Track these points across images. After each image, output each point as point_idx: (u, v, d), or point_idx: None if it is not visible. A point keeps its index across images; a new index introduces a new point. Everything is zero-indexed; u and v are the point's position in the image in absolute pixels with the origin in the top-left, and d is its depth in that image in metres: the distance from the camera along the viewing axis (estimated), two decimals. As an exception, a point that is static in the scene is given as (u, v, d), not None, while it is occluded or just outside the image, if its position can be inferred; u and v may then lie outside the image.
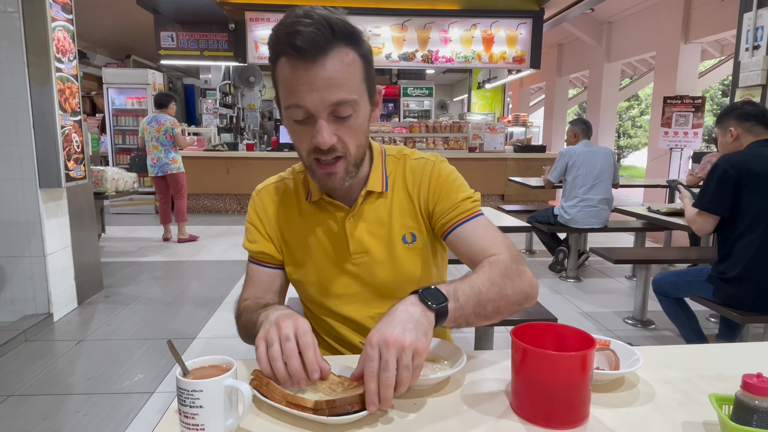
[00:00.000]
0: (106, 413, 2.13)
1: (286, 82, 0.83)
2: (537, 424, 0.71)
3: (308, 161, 0.90)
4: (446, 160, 1.05)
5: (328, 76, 0.80)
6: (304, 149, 0.88)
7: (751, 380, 0.65)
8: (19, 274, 3.03)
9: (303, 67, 0.80)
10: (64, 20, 3.07)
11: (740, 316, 2.15)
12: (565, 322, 0.82)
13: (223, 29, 7.62)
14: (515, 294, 0.87)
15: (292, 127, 0.88)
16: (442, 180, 1.00)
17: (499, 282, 0.85)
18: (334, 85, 0.81)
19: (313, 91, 0.81)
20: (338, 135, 0.85)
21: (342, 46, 0.82)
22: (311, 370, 0.72)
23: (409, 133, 7.56)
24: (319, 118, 0.83)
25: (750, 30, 3.34)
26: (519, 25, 7.62)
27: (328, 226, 1.01)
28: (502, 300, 0.85)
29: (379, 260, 1.01)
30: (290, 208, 1.04)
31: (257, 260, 1.06)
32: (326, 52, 0.80)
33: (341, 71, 0.82)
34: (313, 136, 0.84)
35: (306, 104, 0.82)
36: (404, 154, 1.05)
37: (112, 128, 7.15)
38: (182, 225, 5.39)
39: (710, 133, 14.39)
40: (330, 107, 0.82)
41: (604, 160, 3.87)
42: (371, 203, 1.00)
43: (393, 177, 1.03)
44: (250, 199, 1.08)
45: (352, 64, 0.84)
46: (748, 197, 2.10)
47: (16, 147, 2.92)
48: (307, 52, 0.79)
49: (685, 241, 4.84)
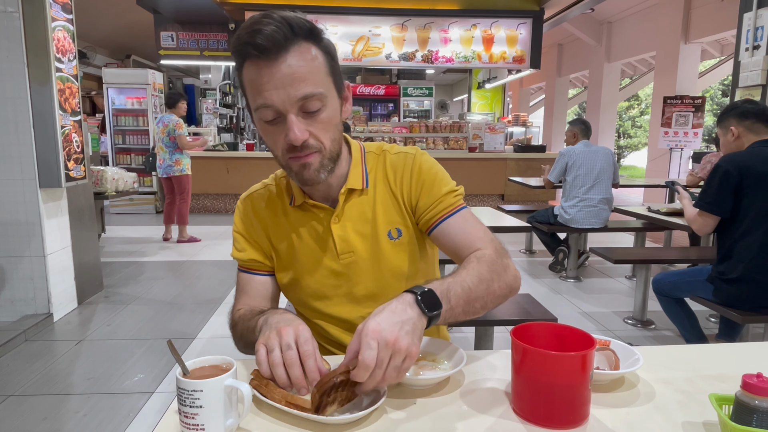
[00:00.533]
0: (106, 413, 2.13)
1: (252, 84, 0.84)
2: (537, 424, 0.71)
3: (284, 161, 0.90)
4: (426, 152, 1.05)
5: (292, 71, 0.81)
6: (278, 149, 0.88)
7: (751, 380, 0.65)
8: (19, 274, 3.03)
9: (266, 66, 0.81)
10: (64, 20, 3.07)
11: (740, 316, 2.15)
12: (565, 322, 0.82)
13: (223, 29, 7.63)
14: (501, 288, 0.89)
15: (264, 129, 0.88)
16: (424, 174, 1.00)
17: (487, 278, 0.87)
18: (299, 79, 0.82)
19: (279, 88, 0.82)
20: (310, 130, 0.86)
21: (302, 42, 0.83)
22: (312, 379, 0.73)
23: (409, 133, 7.57)
24: (288, 114, 0.83)
25: (750, 30, 3.34)
26: (519, 25, 7.62)
27: (314, 229, 1.01)
28: (490, 295, 0.87)
29: (365, 258, 1.00)
30: (275, 214, 1.04)
31: (247, 268, 1.06)
32: (287, 48, 0.81)
33: (304, 66, 0.83)
34: (285, 134, 0.85)
35: (274, 102, 0.82)
36: (384, 150, 1.05)
37: (112, 128, 7.15)
38: (183, 228, 5.34)
39: (710, 133, 14.39)
40: (297, 102, 0.83)
41: (604, 160, 3.87)
42: (354, 201, 1.00)
43: (374, 173, 1.02)
44: (236, 208, 1.08)
45: (315, 58, 0.85)
46: (749, 198, 2.10)
47: (16, 147, 2.92)
48: (268, 49, 0.80)
49: (685, 241, 4.84)
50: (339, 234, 0.99)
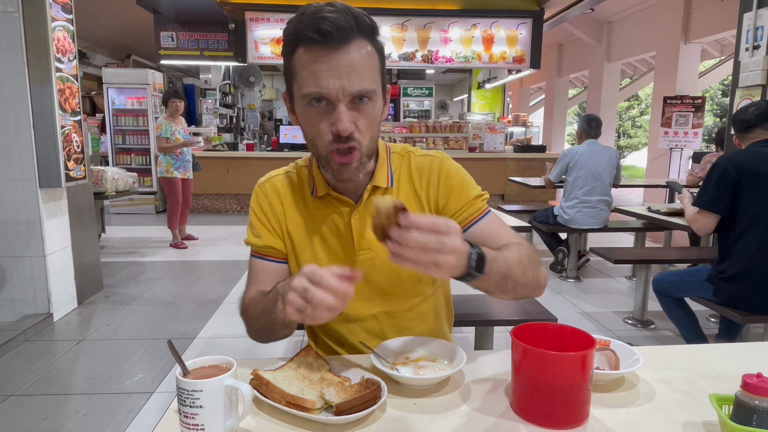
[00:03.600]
0: (106, 413, 2.13)
1: (306, 70, 0.83)
2: (537, 424, 0.71)
3: (326, 151, 0.88)
4: (450, 156, 1.06)
5: (351, 63, 0.82)
6: (322, 137, 0.87)
7: (751, 380, 0.65)
8: (19, 274, 3.03)
9: (326, 54, 0.81)
10: (64, 20, 3.07)
11: (740, 316, 2.15)
12: (565, 322, 0.82)
13: (223, 29, 7.62)
14: (533, 279, 0.91)
15: (309, 115, 0.87)
16: (452, 178, 1.02)
17: (525, 264, 0.89)
18: (357, 73, 0.82)
19: (336, 77, 0.81)
20: (356, 123, 0.85)
21: (363, 38, 0.84)
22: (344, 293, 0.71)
23: (409, 133, 7.56)
24: (339, 104, 0.83)
25: (750, 30, 3.34)
26: (519, 25, 7.62)
27: (334, 222, 1.01)
28: (522, 280, 0.88)
29: (383, 257, 1.00)
30: (295, 203, 1.03)
31: (262, 254, 1.04)
32: (349, 40, 0.81)
33: (363, 60, 0.83)
34: (332, 123, 0.84)
35: (329, 89, 0.82)
36: (408, 151, 1.06)
37: (112, 128, 7.14)
38: (172, 232, 5.17)
39: (710, 133, 14.40)
40: (351, 95, 0.83)
41: (607, 161, 3.84)
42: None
43: (398, 173, 1.03)
44: (253, 192, 1.06)
45: (372, 55, 0.85)
46: (748, 196, 2.10)
47: (16, 147, 2.92)
48: (333, 37, 0.80)
49: (685, 241, 4.84)
50: (358, 229, 0.99)
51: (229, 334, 2.99)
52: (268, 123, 9.55)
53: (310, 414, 0.71)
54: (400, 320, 1.04)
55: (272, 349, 2.63)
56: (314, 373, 0.82)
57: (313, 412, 0.72)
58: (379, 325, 1.03)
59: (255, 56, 7.49)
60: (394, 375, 0.81)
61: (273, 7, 7.25)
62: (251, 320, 0.97)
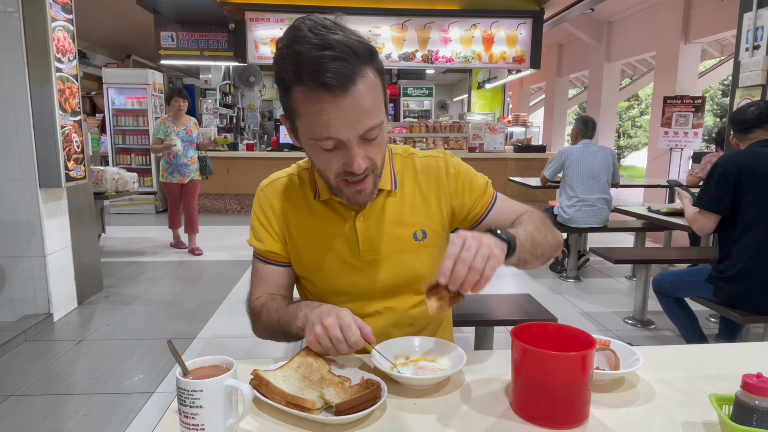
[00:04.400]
0: (106, 413, 2.13)
1: (311, 116, 0.81)
2: (537, 424, 0.71)
3: (335, 182, 0.89)
4: (450, 152, 1.08)
5: (357, 104, 0.79)
6: (331, 172, 0.88)
7: (751, 380, 0.65)
8: (19, 274, 3.03)
9: (332, 101, 0.78)
10: (64, 20, 3.07)
11: (740, 316, 2.15)
12: (565, 322, 0.82)
13: (223, 29, 7.62)
14: (553, 240, 1.00)
15: (317, 154, 0.87)
16: (461, 174, 1.06)
17: (543, 229, 0.98)
18: (364, 112, 0.81)
19: (346, 123, 0.80)
20: (368, 155, 0.86)
21: (365, 68, 0.80)
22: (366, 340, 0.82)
23: (409, 133, 7.56)
24: (351, 145, 0.83)
25: (750, 30, 3.34)
26: (519, 25, 7.62)
27: (338, 225, 1.01)
28: (546, 244, 0.97)
29: (387, 258, 1.01)
30: (298, 206, 1.03)
31: (264, 258, 1.05)
32: (355, 80, 0.78)
33: (370, 97, 0.81)
34: (343, 161, 0.85)
35: (339, 135, 0.81)
36: (411, 153, 1.07)
37: (112, 128, 7.15)
38: (173, 231, 5.15)
39: (710, 133, 14.39)
40: (361, 134, 0.82)
41: (602, 160, 3.86)
42: (381, 201, 1.01)
43: (401, 175, 1.04)
44: (255, 195, 1.06)
45: (376, 86, 0.83)
46: (748, 196, 2.10)
47: (16, 147, 2.92)
48: (337, 87, 0.77)
49: (685, 241, 4.83)
50: (363, 232, 1.00)
51: (229, 334, 2.99)
52: (268, 123, 9.54)
53: (310, 414, 0.71)
54: (402, 318, 1.05)
55: (272, 349, 2.64)
56: (314, 373, 0.82)
57: (313, 412, 0.72)
58: (382, 324, 1.03)
59: (255, 56, 7.49)
60: (394, 375, 0.81)
61: (273, 7, 7.25)
62: (262, 324, 0.99)
